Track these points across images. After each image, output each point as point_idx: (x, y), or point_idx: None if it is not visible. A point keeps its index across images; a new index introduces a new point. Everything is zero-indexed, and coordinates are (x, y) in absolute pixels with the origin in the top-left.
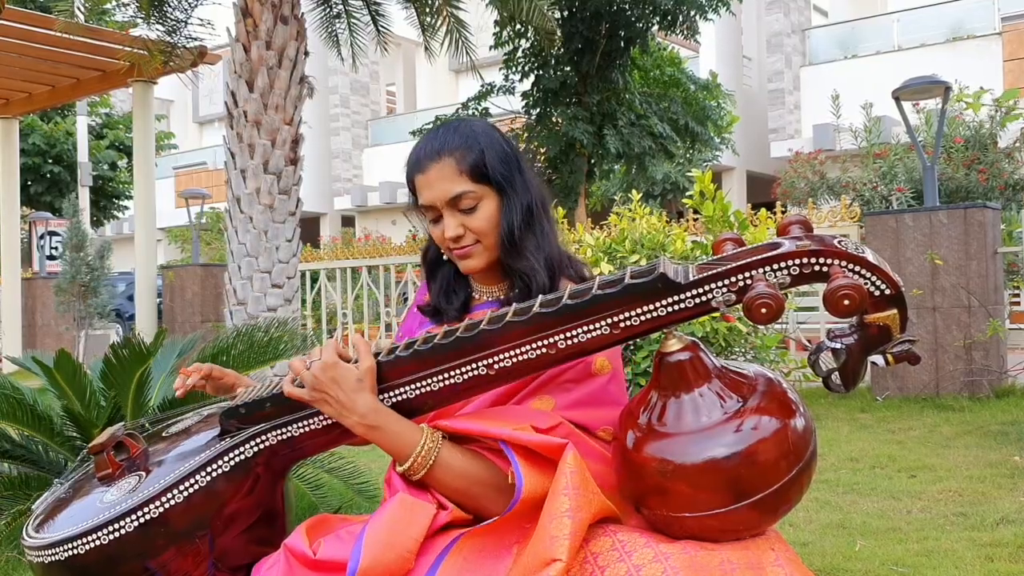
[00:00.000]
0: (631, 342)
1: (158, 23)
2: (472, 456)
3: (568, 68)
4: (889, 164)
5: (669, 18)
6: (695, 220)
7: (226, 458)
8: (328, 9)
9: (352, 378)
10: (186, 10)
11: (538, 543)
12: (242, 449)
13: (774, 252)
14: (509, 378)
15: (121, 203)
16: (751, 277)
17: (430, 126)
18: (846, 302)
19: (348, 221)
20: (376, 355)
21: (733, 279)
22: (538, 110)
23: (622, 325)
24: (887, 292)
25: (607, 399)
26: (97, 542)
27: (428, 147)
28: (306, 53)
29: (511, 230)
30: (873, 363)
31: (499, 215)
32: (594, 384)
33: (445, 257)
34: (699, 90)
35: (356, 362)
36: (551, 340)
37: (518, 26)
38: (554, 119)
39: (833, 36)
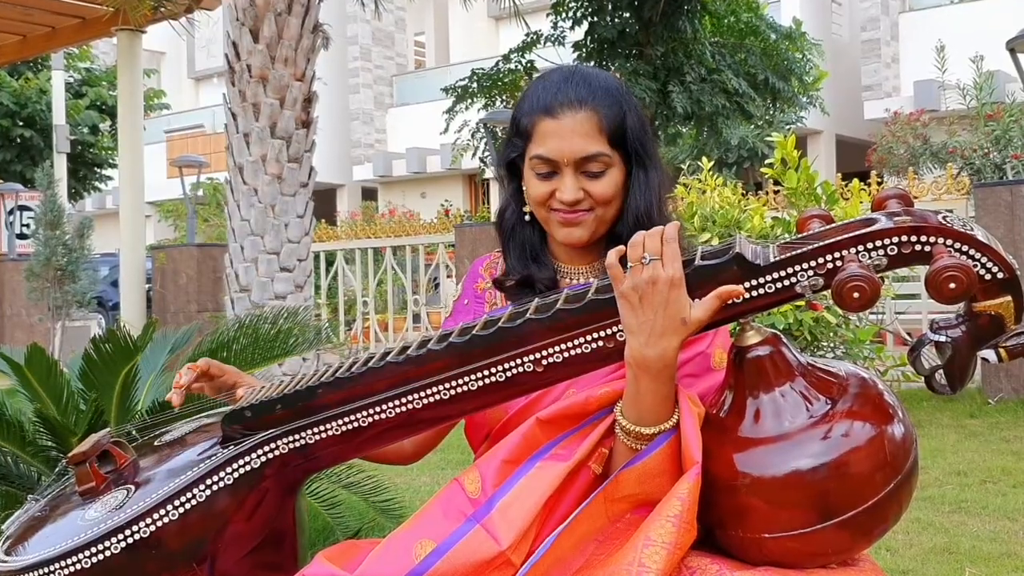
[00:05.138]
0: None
1: None
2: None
3: (627, 14)
4: (1003, 127)
5: None
6: (776, 192)
7: (229, 469)
8: None
9: (680, 316)
10: None
11: (621, 564)
12: (248, 459)
13: (868, 229)
14: (553, 380)
15: (104, 173)
16: (842, 258)
17: (465, 83)
18: (952, 285)
19: (369, 194)
20: (369, 357)
21: (821, 260)
22: (592, 64)
23: None
24: (999, 276)
25: None
26: (77, 566)
27: (568, 92)
28: None
29: (648, 207)
30: (984, 359)
31: (623, 187)
32: (713, 379)
33: (527, 219)
34: (781, 40)
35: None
36: (609, 332)
37: None
38: (612, 74)
39: None
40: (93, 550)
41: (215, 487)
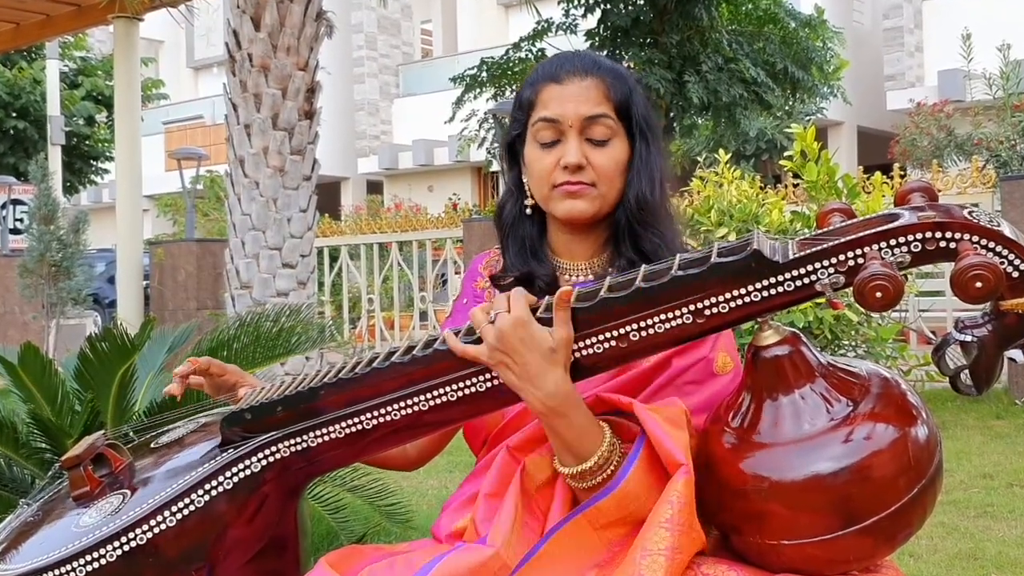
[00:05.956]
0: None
1: None
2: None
3: (641, 1)
4: None
5: None
6: (795, 186)
7: (228, 473)
8: None
9: (545, 346)
10: None
11: None
12: (248, 463)
13: (891, 225)
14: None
15: (100, 165)
16: (863, 255)
17: (474, 72)
18: (978, 284)
19: (375, 187)
20: (371, 360)
21: (842, 257)
22: (605, 52)
23: (707, 313)
24: None
25: None
26: (72, 575)
27: (574, 63)
28: None
29: (648, 190)
30: (1011, 359)
31: (626, 166)
32: (717, 385)
33: (528, 212)
34: (801, 28)
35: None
36: (622, 331)
37: None
38: (625, 63)
39: None
40: (88, 558)
41: (213, 492)
